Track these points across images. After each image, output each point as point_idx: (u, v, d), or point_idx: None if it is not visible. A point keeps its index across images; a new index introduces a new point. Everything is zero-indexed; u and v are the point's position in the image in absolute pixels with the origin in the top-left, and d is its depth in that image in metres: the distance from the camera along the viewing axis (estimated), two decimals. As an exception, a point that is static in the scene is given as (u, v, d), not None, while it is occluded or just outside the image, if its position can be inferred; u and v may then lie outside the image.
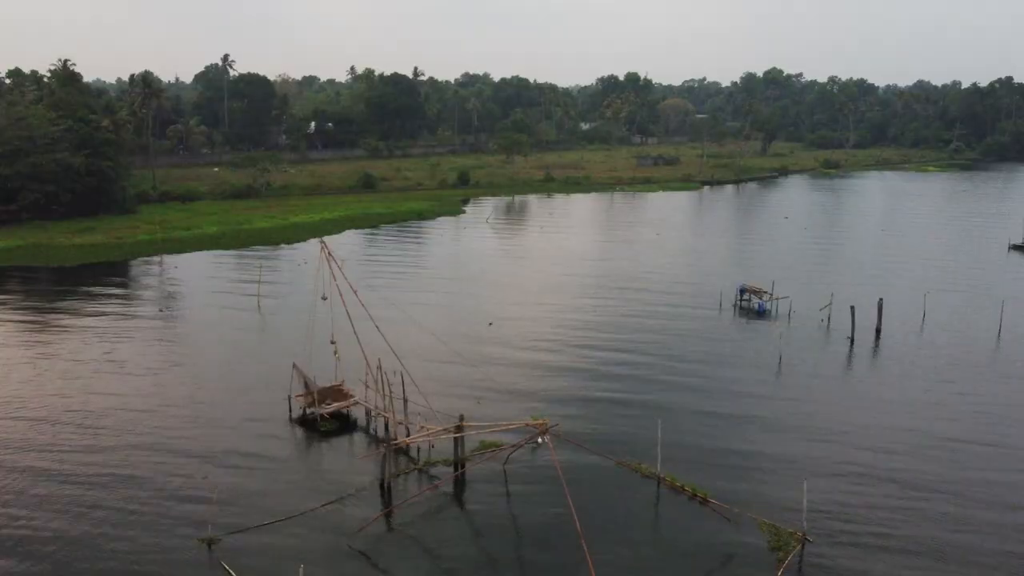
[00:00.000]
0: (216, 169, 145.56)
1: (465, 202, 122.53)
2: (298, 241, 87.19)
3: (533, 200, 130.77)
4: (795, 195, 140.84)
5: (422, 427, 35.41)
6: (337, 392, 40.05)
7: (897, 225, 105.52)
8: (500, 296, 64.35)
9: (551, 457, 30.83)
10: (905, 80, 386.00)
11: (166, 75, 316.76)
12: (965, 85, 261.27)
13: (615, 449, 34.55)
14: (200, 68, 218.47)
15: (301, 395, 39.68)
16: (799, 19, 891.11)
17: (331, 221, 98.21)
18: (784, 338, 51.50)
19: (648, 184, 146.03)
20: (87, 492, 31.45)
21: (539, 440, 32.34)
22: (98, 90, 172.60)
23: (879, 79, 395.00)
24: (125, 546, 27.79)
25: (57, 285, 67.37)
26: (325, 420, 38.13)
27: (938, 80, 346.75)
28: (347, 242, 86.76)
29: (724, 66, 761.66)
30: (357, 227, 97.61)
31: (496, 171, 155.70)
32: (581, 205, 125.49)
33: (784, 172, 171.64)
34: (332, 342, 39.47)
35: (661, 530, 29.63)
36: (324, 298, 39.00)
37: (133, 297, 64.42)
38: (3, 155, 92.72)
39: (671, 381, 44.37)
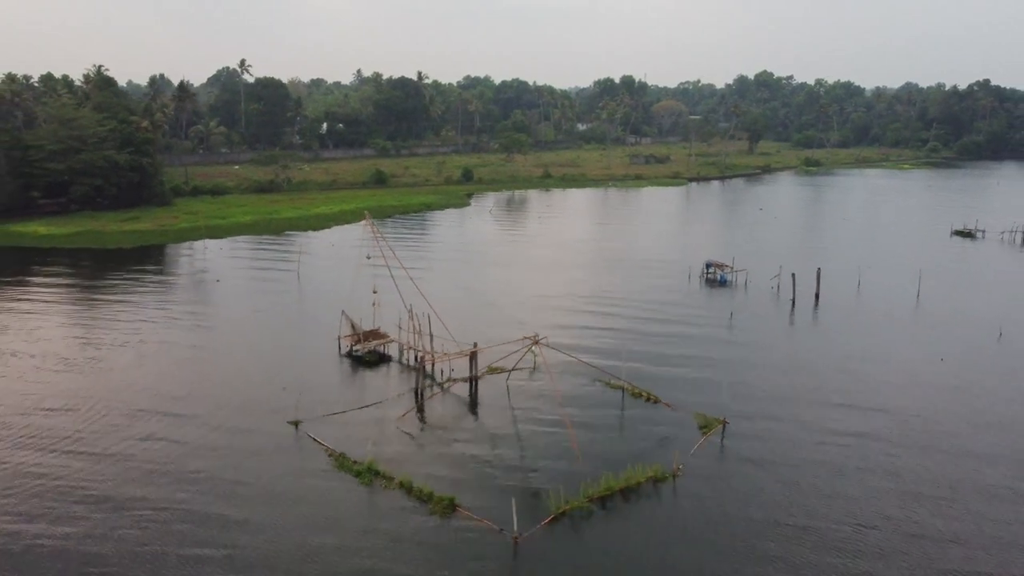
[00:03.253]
0: (236, 167, 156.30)
1: (469, 196, 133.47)
2: (323, 228, 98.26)
3: (532, 194, 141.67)
4: (774, 190, 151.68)
5: (445, 354, 46.33)
6: (376, 334, 50.98)
7: (859, 214, 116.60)
8: (503, 267, 75.19)
9: (543, 362, 41.95)
10: (894, 82, 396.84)
11: (175, 78, 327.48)
12: (949, 87, 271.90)
13: (593, 364, 45.39)
14: (203, 71, 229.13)
15: (348, 336, 50.66)
16: (796, 23, 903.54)
17: (350, 212, 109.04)
18: (737, 299, 62.55)
19: (639, 180, 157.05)
20: (202, 400, 42.45)
21: (533, 352, 43.29)
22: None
23: (870, 81, 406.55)
24: (236, 424, 38.81)
25: (124, 262, 78.25)
26: (368, 354, 49.07)
27: (925, 82, 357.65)
28: (366, 229, 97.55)
29: (721, 68, 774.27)
30: (374, 217, 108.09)
31: (497, 169, 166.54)
32: (576, 199, 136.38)
33: (767, 169, 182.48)
34: (374, 292, 50.45)
35: (624, 420, 40.47)
36: (368, 258, 49.96)
37: (190, 271, 75.45)
38: (57, 153, 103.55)
39: (640, 325, 55.49)
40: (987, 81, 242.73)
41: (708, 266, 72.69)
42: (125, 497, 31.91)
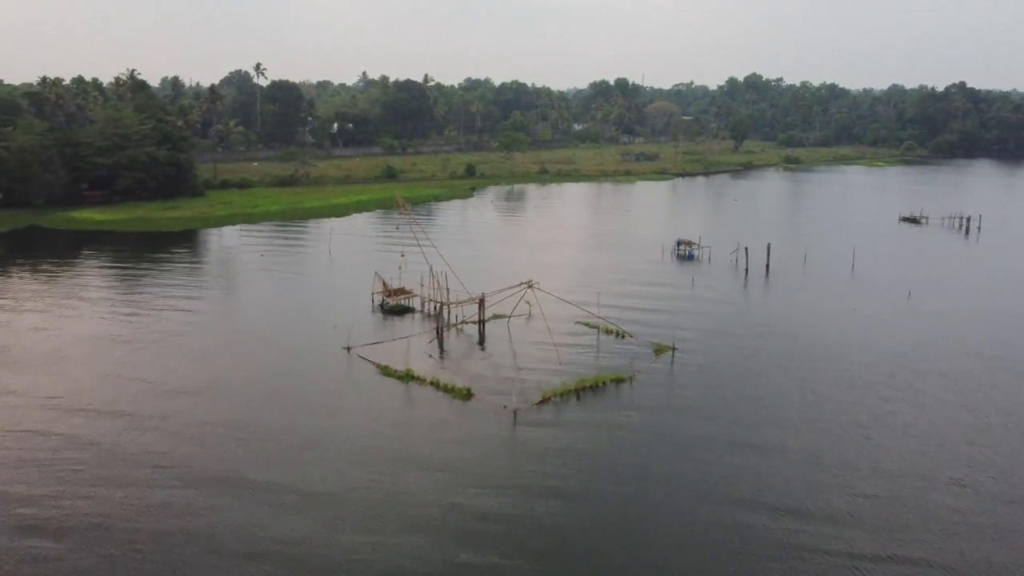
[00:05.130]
0: (255, 164, 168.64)
1: (472, 189, 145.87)
2: (343, 215, 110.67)
3: (530, 188, 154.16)
4: (752, 184, 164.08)
5: (459, 303, 58.78)
6: (402, 290, 63.41)
7: (820, 203, 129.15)
8: (504, 244, 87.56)
9: (535, 302, 54.65)
10: (884, 83, 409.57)
11: (186, 79, 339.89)
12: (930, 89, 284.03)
13: (576, 305, 57.72)
14: (202, 70, 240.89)
15: (380, 291, 63.09)
16: (796, 23, 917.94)
17: (366, 202, 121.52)
18: (700, 269, 75.08)
19: (628, 176, 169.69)
20: (272, 333, 54.99)
21: (528, 302, 55.76)
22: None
23: (864, 82, 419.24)
24: (304, 348, 51.33)
25: (178, 242, 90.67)
26: (397, 306, 61.51)
27: (914, 83, 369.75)
28: (383, 216, 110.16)
29: (720, 68, 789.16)
30: (386, 207, 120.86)
31: (498, 165, 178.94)
32: (570, 191, 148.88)
33: (749, 166, 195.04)
34: (401, 255, 62.89)
35: (599, 347, 52.84)
36: (397, 228, 62.34)
37: (237, 249, 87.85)
38: (105, 149, 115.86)
39: (615, 282, 67.97)
40: (963, 83, 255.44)
41: (679, 243, 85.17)
42: (244, 380, 45.01)
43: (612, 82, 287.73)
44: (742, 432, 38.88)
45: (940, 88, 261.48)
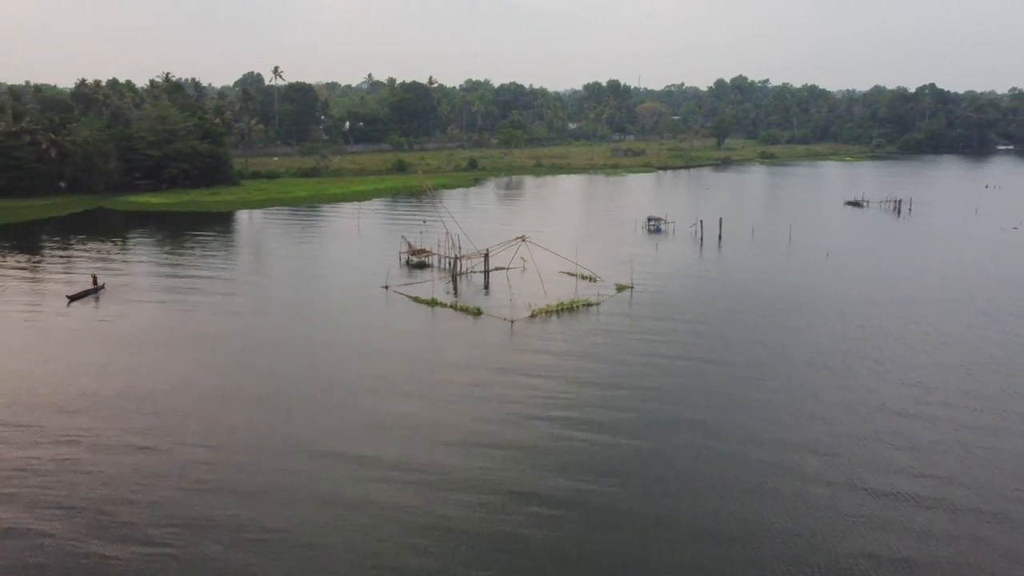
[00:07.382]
0: (276, 159, 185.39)
1: (475, 180, 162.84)
2: (364, 200, 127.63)
3: (527, 179, 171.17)
4: (727, 176, 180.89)
5: (468, 256, 75.73)
6: (424, 251, 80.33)
7: (783, 191, 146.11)
8: (503, 221, 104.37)
9: (528, 255, 71.68)
10: (864, 85, 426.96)
11: (197, 80, 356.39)
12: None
13: (559, 255, 74.57)
14: (204, 72, 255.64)
15: (406, 251, 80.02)
16: (797, 23, 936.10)
17: (383, 189, 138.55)
18: (664, 238, 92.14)
19: (616, 169, 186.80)
20: (327, 278, 71.94)
21: (522, 259, 72.77)
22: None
23: (845, 84, 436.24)
24: (353, 287, 68.31)
25: (228, 221, 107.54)
26: (420, 262, 78.44)
27: (892, 85, 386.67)
28: (400, 200, 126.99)
29: (717, 69, 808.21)
30: (402, 193, 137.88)
31: (498, 160, 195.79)
32: (563, 182, 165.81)
33: (727, 161, 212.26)
34: (424, 222, 79.77)
35: (576, 286, 69.64)
36: (424, 222, 79.10)
37: (280, 225, 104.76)
38: (154, 143, 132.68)
39: (592, 246, 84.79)
40: (933, 85, 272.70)
41: (649, 219, 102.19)
42: (313, 301, 61.91)
43: (605, 84, 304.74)
44: (675, 322, 56.31)
45: (913, 89, 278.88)
